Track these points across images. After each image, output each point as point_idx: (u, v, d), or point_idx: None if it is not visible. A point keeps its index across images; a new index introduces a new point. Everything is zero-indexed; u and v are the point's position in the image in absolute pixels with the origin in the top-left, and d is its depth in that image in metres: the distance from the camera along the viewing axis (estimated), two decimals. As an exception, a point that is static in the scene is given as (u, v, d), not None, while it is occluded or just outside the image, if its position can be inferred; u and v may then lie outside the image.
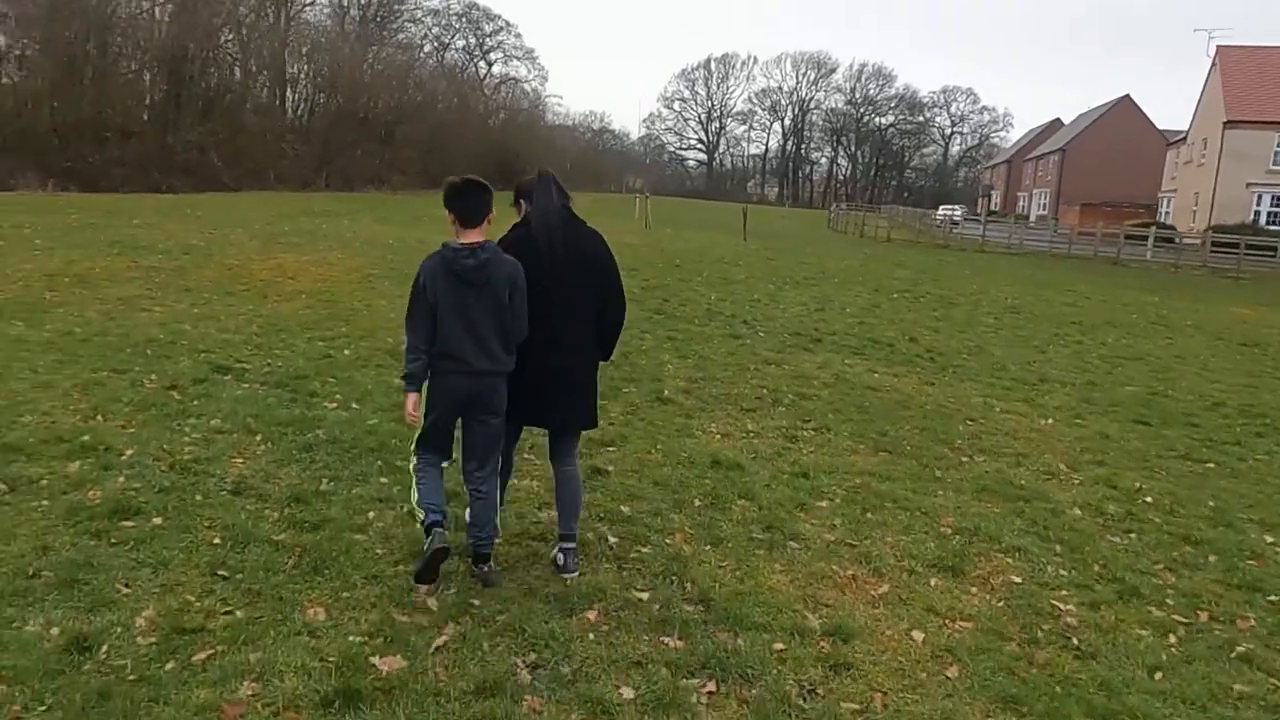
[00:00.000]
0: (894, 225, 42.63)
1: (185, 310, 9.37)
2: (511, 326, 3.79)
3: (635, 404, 7.14)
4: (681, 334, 10.18)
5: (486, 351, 3.74)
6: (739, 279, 16.09)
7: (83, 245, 13.46)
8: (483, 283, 3.71)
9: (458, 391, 3.79)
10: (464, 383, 3.77)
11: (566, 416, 4.13)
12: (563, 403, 4.05)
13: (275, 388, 6.65)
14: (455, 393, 3.79)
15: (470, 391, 3.79)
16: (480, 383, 3.78)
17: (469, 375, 3.75)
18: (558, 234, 3.94)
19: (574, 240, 3.99)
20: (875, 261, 23.35)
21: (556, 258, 3.90)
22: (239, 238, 16.46)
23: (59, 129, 33.38)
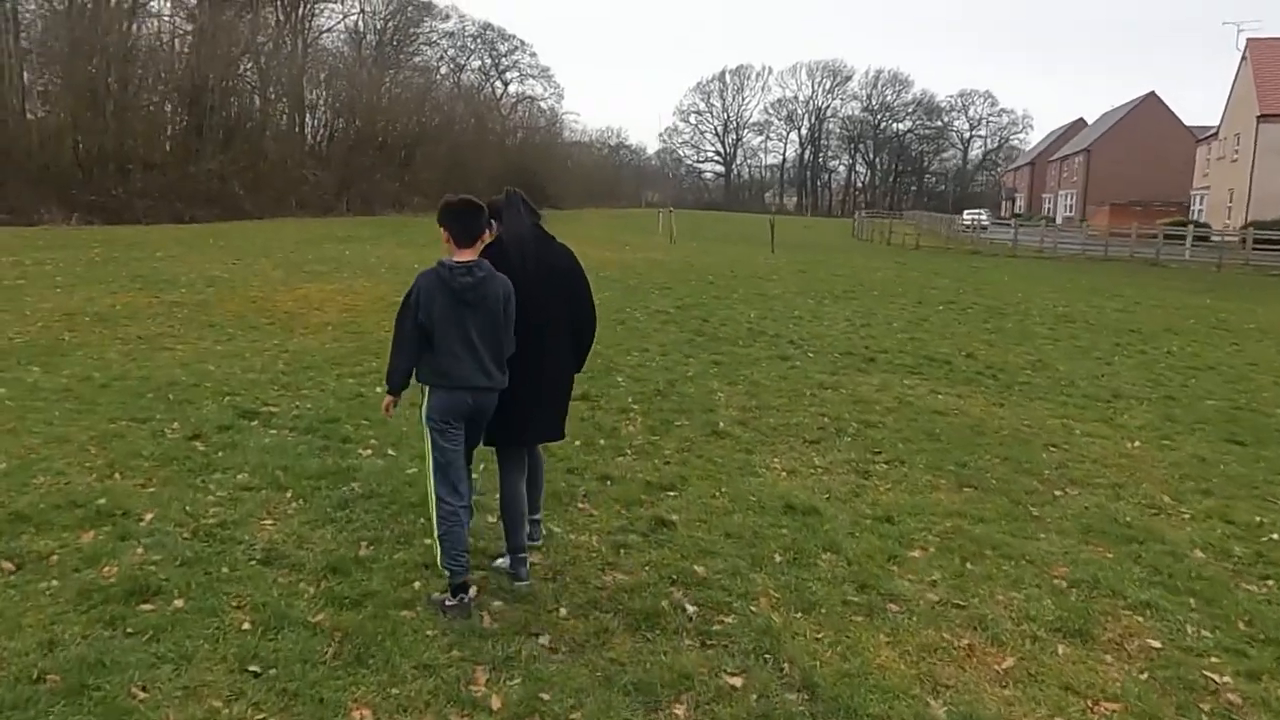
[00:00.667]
0: (920, 232, 41.88)
1: (208, 348, 8.96)
2: (504, 344, 3.88)
3: (690, 439, 6.61)
4: (727, 357, 9.65)
5: (484, 369, 3.81)
6: (776, 294, 15.55)
7: (104, 281, 13.15)
8: (478, 301, 3.77)
9: (461, 409, 3.84)
10: (467, 400, 3.82)
11: (539, 432, 4.26)
12: (539, 418, 4.16)
13: (305, 433, 6.18)
14: (459, 411, 3.83)
15: (473, 408, 3.86)
16: (481, 399, 3.86)
17: (471, 392, 3.81)
18: (530, 250, 4.02)
19: (546, 256, 4.08)
20: (910, 270, 22.73)
21: (529, 274, 3.97)
22: (262, 268, 16.13)
23: (82, 162, 33.47)
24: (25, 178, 31.22)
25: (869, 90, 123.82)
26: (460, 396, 3.80)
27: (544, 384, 4.10)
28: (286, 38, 53.07)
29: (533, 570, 4.26)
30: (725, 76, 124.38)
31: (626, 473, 5.76)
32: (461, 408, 3.82)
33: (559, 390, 4.23)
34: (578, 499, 5.25)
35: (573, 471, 5.70)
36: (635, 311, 12.72)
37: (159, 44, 40.52)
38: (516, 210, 4.08)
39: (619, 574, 4.28)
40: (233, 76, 41.83)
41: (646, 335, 10.79)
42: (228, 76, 40.93)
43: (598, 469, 5.79)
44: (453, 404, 3.82)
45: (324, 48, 57.45)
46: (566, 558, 4.43)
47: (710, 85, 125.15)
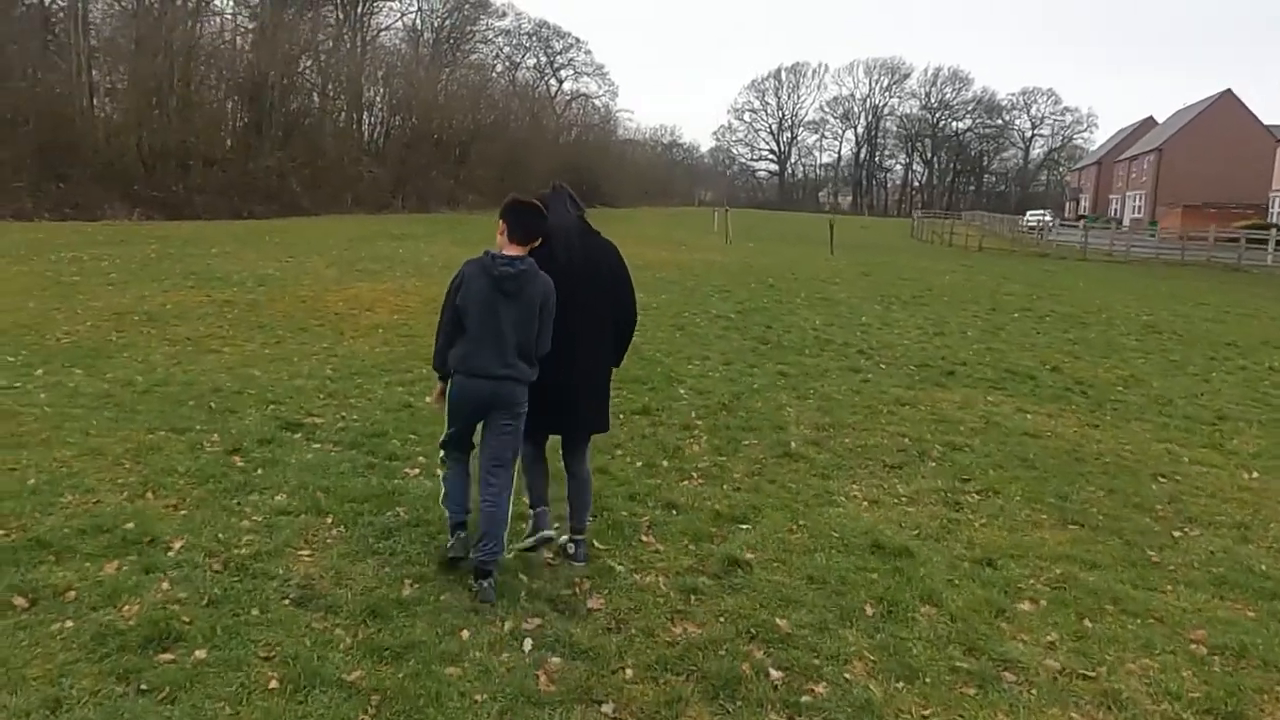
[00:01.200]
0: (982, 233, 40.64)
1: (256, 351, 8.68)
2: (536, 341, 3.90)
3: (760, 460, 6.10)
4: (794, 368, 9.09)
5: (504, 360, 3.84)
6: (840, 299, 14.92)
7: (157, 278, 13.04)
8: (515, 292, 3.82)
9: (479, 394, 3.89)
10: (485, 386, 3.86)
11: (582, 422, 4.25)
12: (580, 409, 4.18)
13: (350, 448, 5.80)
14: (476, 396, 3.89)
15: (490, 394, 3.88)
16: (499, 386, 3.87)
17: (488, 379, 3.85)
18: (576, 245, 4.06)
19: (590, 250, 4.12)
20: (978, 274, 21.84)
21: (574, 268, 4.01)
22: (315, 265, 15.96)
23: (145, 159, 33.98)
24: (91, 173, 31.79)
25: (928, 88, 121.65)
26: (478, 384, 3.86)
27: (584, 376, 4.14)
28: (346, 36, 53.60)
29: (593, 617, 3.81)
30: (781, 74, 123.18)
31: (693, 500, 5.27)
32: (480, 394, 3.88)
33: (599, 383, 4.26)
34: (641, 531, 4.77)
35: (634, 498, 5.23)
36: (695, 316, 12.21)
37: (221, 42, 41.07)
38: (562, 204, 4.11)
39: (690, 625, 3.80)
40: (292, 74, 42.23)
41: (708, 343, 10.28)
42: (288, 74, 41.34)
43: (662, 495, 5.31)
44: (470, 390, 3.89)
45: (382, 45, 57.92)
46: (631, 603, 3.96)
47: (765, 83, 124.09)
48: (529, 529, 4.34)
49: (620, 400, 7.40)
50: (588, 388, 4.19)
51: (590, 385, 4.20)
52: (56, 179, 30.75)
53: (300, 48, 43.44)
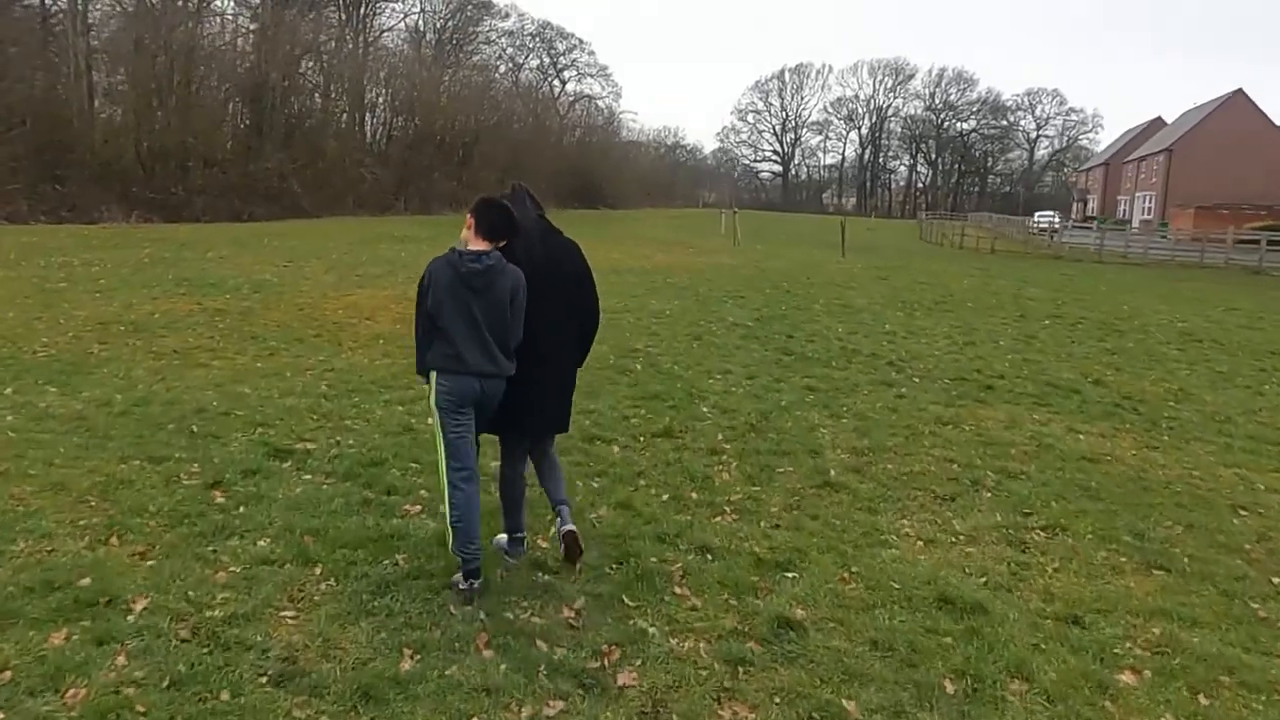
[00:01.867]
0: (994, 235, 40.01)
1: (247, 364, 8.10)
2: (509, 332, 3.88)
3: (797, 491, 5.50)
4: (822, 383, 8.50)
5: (489, 355, 3.82)
6: (860, 305, 14.31)
7: (148, 284, 12.47)
8: (484, 288, 3.79)
9: (467, 391, 3.83)
10: (475, 385, 3.83)
11: (549, 423, 4.23)
12: (547, 409, 4.15)
13: (344, 480, 5.21)
14: (465, 393, 3.84)
15: (480, 394, 3.86)
16: (489, 385, 3.87)
17: (479, 378, 3.83)
18: (537, 245, 4.03)
19: (551, 250, 4.08)
20: (996, 278, 21.22)
21: (536, 268, 3.96)
22: (314, 270, 15.39)
23: (143, 160, 33.47)
24: (88, 175, 31.27)
25: (932, 89, 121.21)
26: (468, 382, 3.82)
27: (548, 376, 4.10)
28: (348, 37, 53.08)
29: (625, 698, 3.23)
30: (784, 75, 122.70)
31: (729, 541, 4.68)
32: (469, 393, 3.83)
33: (563, 382, 4.23)
34: (674, 581, 4.18)
35: (663, 539, 4.63)
36: (711, 324, 11.62)
37: (222, 43, 40.56)
38: (522, 203, 4.06)
39: (741, 708, 3.21)
40: (294, 75, 41.73)
41: (728, 354, 9.69)
42: (289, 75, 40.83)
43: (694, 535, 4.71)
44: (460, 388, 3.82)
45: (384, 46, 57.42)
46: (669, 678, 3.37)
47: (769, 84, 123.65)
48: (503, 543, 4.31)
49: (640, 421, 6.83)
50: (555, 387, 4.17)
51: (557, 385, 4.18)
52: (53, 181, 30.21)
53: (302, 48, 42.94)
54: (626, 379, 8.24)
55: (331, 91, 46.53)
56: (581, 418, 6.78)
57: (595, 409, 7.06)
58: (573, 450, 6.00)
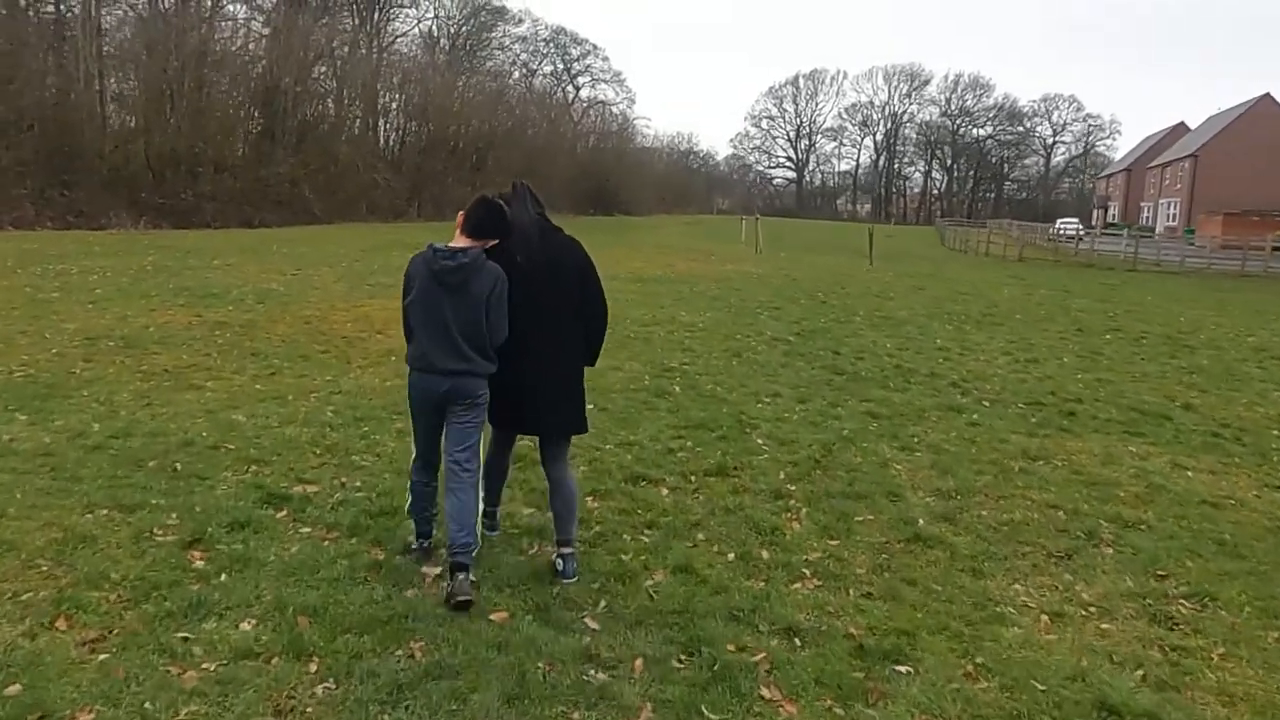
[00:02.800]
0: (1022, 243, 39.00)
1: (244, 386, 7.29)
2: (490, 331, 3.77)
3: (885, 547, 4.64)
4: (882, 407, 7.63)
5: (458, 354, 3.73)
6: (902, 317, 13.42)
7: (146, 294, 11.71)
8: (458, 285, 3.70)
9: (432, 390, 3.79)
10: (440, 382, 3.77)
11: (557, 424, 4.10)
12: (553, 410, 4.03)
13: (349, 535, 4.38)
14: (430, 392, 3.80)
15: (443, 390, 3.78)
16: (459, 383, 3.77)
17: (443, 375, 3.76)
18: (535, 244, 3.93)
19: (550, 248, 3.98)
20: (1036, 288, 20.27)
21: (535, 267, 3.88)
22: (323, 279, 14.62)
23: (153, 165, 32.89)
24: (96, 180, 30.71)
25: (948, 94, 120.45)
26: (434, 381, 3.77)
27: (553, 376, 4.00)
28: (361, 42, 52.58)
29: None
30: (799, 81, 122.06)
31: (817, 617, 3.82)
32: (435, 390, 3.79)
33: (570, 383, 4.08)
34: (759, 680, 3.32)
35: (738, 618, 3.78)
36: (749, 339, 10.76)
37: (234, 47, 40.03)
38: (522, 202, 3.97)
39: None
40: (306, 80, 41.15)
41: (773, 373, 8.83)
42: (302, 80, 40.25)
43: (774, 611, 3.85)
44: (427, 385, 3.80)
45: (398, 51, 56.99)
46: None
47: (783, 90, 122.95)
48: None
49: (687, 455, 5.98)
50: (558, 389, 4.03)
51: (561, 387, 4.04)
52: (61, 186, 29.66)
53: (315, 54, 42.38)
54: (665, 403, 7.40)
55: (345, 97, 46.00)
56: (621, 452, 5.95)
57: (636, 440, 6.21)
58: (615, 493, 5.17)
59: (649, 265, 20.98)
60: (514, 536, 4.50)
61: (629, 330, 10.91)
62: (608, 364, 8.73)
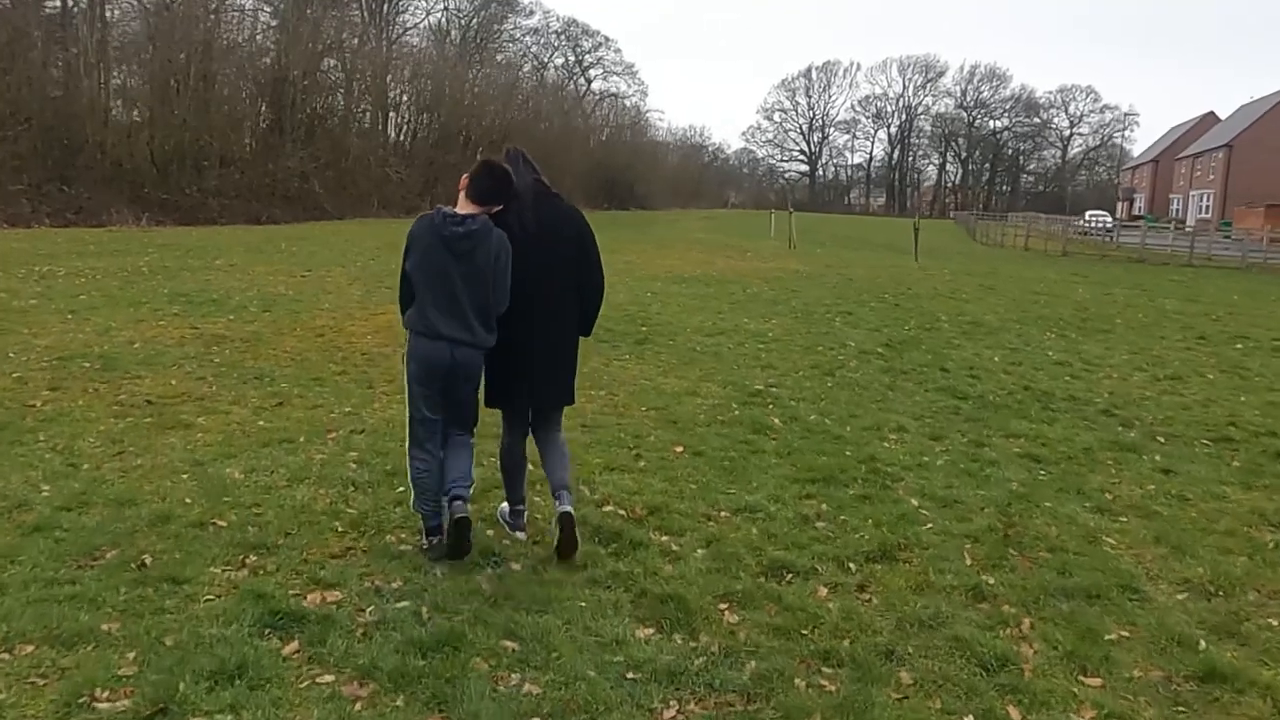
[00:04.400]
0: (1064, 238, 37.32)
1: (244, 422, 5.82)
2: (491, 299, 3.70)
3: (1169, 689, 3.14)
4: (1039, 446, 6.09)
5: (463, 323, 3.65)
6: (991, 323, 11.86)
7: (136, 301, 10.26)
8: (467, 252, 3.61)
9: (438, 361, 3.69)
10: (445, 350, 3.66)
11: (554, 394, 4.03)
12: (547, 380, 3.97)
13: (392, 689, 2.89)
14: (435, 360, 3.69)
15: (449, 361, 3.69)
16: (462, 354, 3.69)
17: (450, 344, 3.66)
18: (529, 211, 3.83)
19: (548, 216, 3.89)
20: (1109, 286, 18.66)
21: (529, 234, 3.80)
22: (336, 281, 13.16)
23: (157, 159, 31.52)
24: (97, 175, 29.36)
25: (963, 86, 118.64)
26: (440, 347, 3.65)
27: (546, 346, 3.91)
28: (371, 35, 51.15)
29: None
30: (811, 73, 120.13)
31: None
32: (440, 359, 3.67)
33: (564, 353, 4.01)
34: None
35: None
36: (834, 351, 9.25)
37: (242, 38, 38.64)
38: (517, 168, 3.84)
39: None
40: (315, 72, 39.70)
41: (882, 398, 7.32)
42: (311, 72, 38.82)
43: None
44: (432, 353, 3.67)
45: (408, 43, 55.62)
46: None
47: (796, 82, 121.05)
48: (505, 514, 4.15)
49: (834, 530, 4.48)
50: (553, 358, 3.94)
51: (556, 356, 3.95)
52: (60, 181, 28.29)
53: (324, 46, 40.94)
54: (770, 442, 5.90)
55: (355, 89, 44.55)
56: (743, 523, 4.47)
57: (754, 503, 4.72)
58: (757, 597, 3.67)
59: (685, 264, 19.47)
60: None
61: (692, 341, 9.42)
62: (680, 386, 7.26)
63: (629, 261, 18.90)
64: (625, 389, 7.23)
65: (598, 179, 62.89)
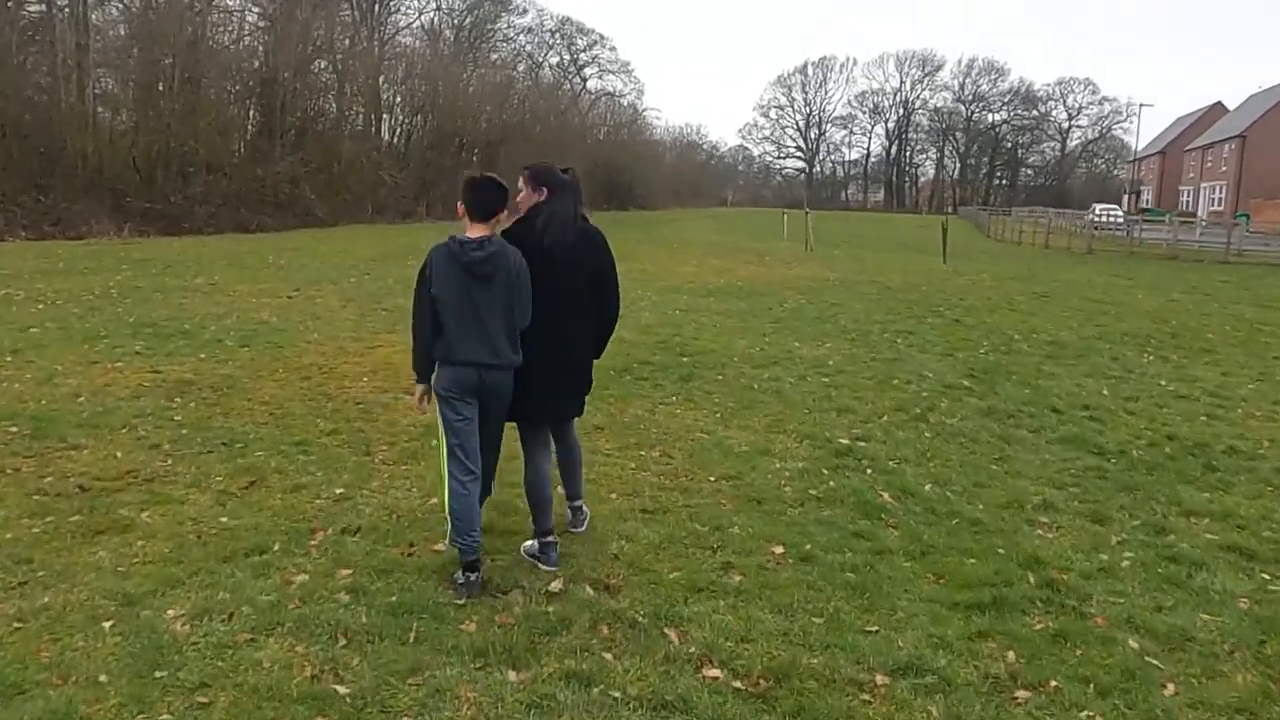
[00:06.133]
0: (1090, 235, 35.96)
1: (201, 515, 4.41)
2: (516, 318, 3.72)
3: None
4: (1238, 532, 4.70)
5: (493, 347, 3.66)
6: (1071, 341, 10.45)
7: (94, 336, 8.83)
8: (489, 275, 3.63)
9: (469, 383, 3.66)
10: (473, 375, 3.66)
11: (570, 413, 4.15)
12: (571, 400, 4.06)
13: None
14: (467, 385, 3.66)
15: (481, 385, 3.69)
16: (491, 377, 3.70)
17: (479, 369, 3.66)
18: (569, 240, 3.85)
19: (584, 245, 3.92)
20: (1165, 290, 17.27)
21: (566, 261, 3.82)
22: (327, 302, 11.74)
23: (140, 166, 30.05)
24: (77, 184, 27.87)
25: (961, 79, 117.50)
26: (468, 373, 3.66)
27: (567, 363, 3.95)
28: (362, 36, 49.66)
29: None
30: (807, 69, 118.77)
31: None
32: (470, 382, 3.67)
33: (586, 373, 4.07)
34: None
35: None
36: (914, 386, 7.84)
37: (229, 40, 37.15)
38: (574, 199, 3.89)
39: None
40: (306, 74, 38.22)
41: (1002, 456, 5.90)
42: (301, 74, 37.34)
43: None
44: (460, 378, 3.66)
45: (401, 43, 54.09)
46: None
47: (792, 78, 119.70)
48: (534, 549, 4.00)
49: (1043, 704, 3.08)
50: (577, 381, 4.03)
51: (580, 379, 4.04)
52: (37, 191, 26.82)
53: (315, 47, 39.45)
54: (894, 535, 4.50)
55: (347, 91, 43.07)
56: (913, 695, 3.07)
57: (915, 655, 3.32)
58: None
59: (704, 271, 18.07)
60: None
61: (744, 375, 8.01)
62: (748, 441, 5.89)
63: (644, 270, 17.51)
64: (682, 447, 5.84)
65: (597, 180, 61.49)
